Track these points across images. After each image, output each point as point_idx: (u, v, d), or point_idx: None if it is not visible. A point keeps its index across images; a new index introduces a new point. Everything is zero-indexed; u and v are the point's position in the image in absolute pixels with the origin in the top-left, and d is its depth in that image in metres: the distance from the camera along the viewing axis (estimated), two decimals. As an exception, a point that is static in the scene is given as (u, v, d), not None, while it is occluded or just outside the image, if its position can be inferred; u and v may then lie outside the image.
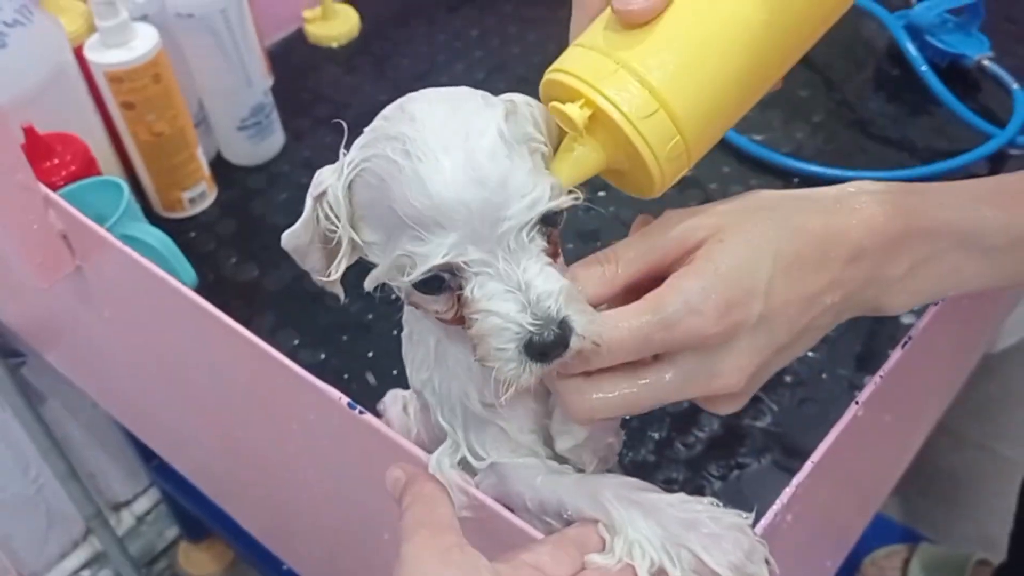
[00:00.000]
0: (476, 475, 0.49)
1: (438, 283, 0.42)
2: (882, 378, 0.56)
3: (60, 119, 0.83)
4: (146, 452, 1.18)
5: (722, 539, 0.42)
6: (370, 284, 0.44)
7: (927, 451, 0.88)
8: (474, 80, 1.04)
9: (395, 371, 0.74)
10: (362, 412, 0.54)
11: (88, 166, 0.82)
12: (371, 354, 0.80)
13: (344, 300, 0.47)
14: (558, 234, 0.44)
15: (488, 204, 0.40)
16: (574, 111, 0.43)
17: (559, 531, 0.45)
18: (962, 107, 0.89)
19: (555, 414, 0.49)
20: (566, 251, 0.47)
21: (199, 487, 0.98)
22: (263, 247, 0.89)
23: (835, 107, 0.98)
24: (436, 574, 0.40)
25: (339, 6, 1.13)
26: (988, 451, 1.52)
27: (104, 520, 1.25)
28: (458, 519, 0.44)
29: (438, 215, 0.40)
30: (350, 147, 0.44)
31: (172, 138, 0.87)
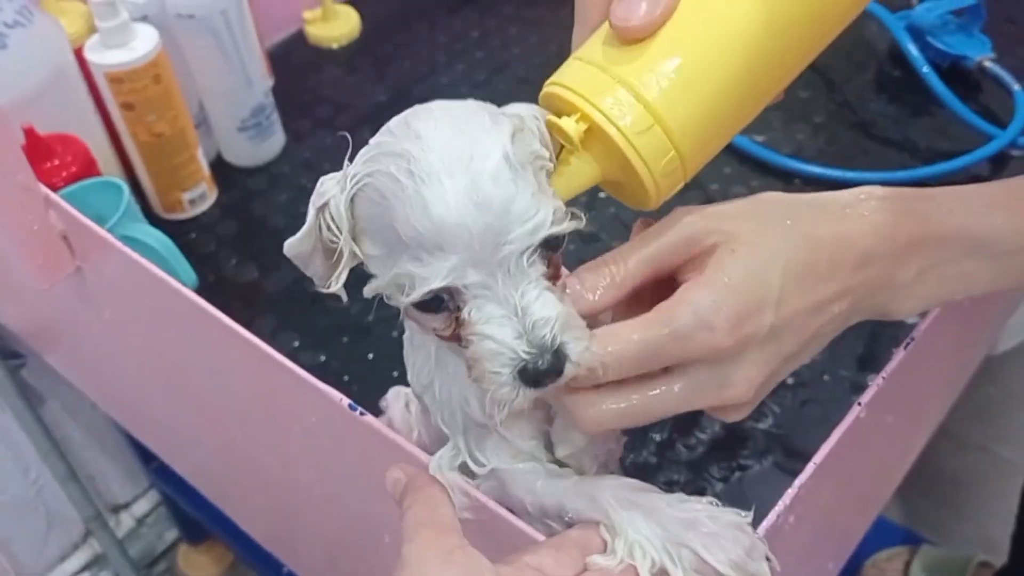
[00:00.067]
0: (476, 479, 0.49)
1: (437, 303, 0.42)
2: (884, 379, 0.56)
3: (60, 120, 0.83)
4: (146, 454, 1.18)
5: (722, 537, 0.42)
6: (369, 293, 0.44)
7: (928, 453, 0.88)
8: (475, 81, 1.04)
9: (396, 372, 0.74)
10: (363, 414, 0.54)
11: (88, 167, 0.82)
12: (371, 356, 0.79)
13: (345, 301, 0.47)
14: (559, 256, 0.44)
15: (489, 229, 0.40)
16: (570, 125, 0.43)
17: (560, 533, 0.45)
18: (963, 108, 0.89)
19: (556, 421, 0.49)
20: (567, 252, 0.46)
21: (199, 489, 0.98)
22: (263, 248, 0.89)
23: (836, 108, 0.98)
24: (438, 575, 0.40)
25: (339, 7, 1.13)
26: (989, 453, 1.52)
27: (104, 522, 1.25)
28: (459, 520, 0.44)
29: (439, 238, 0.40)
30: (355, 151, 0.44)
31: (172, 139, 0.87)
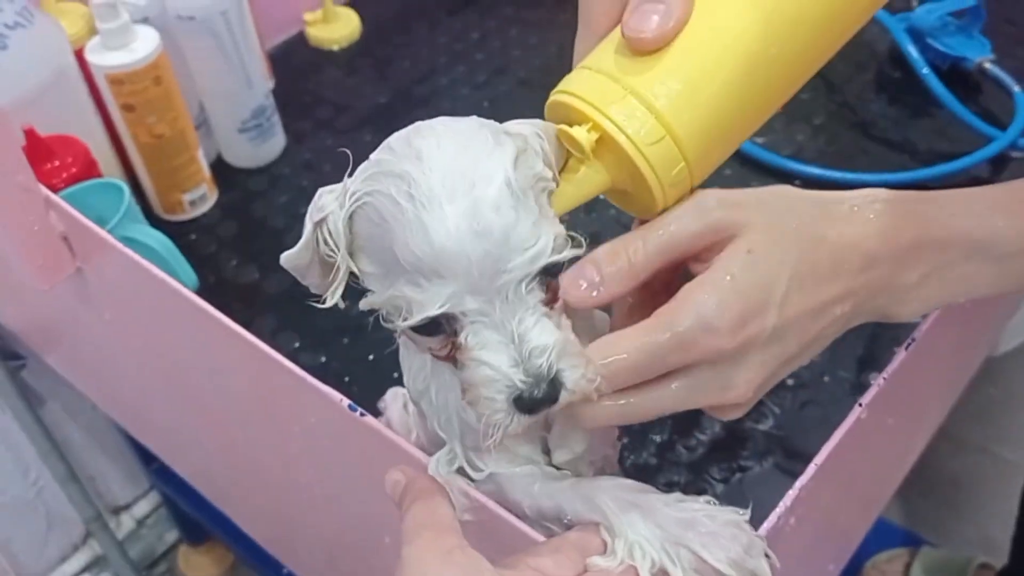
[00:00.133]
0: (474, 484, 0.49)
1: (433, 327, 0.42)
2: (885, 380, 0.56)
3: (61, 121, 0.83)
4: (146, 455, 1.18)
5: (720, 536, 0.42)
6: (365, 307, 0.44)
7: (929, 454, 0.88)
8: (475, 83, 1.04)
9: (396, 373, 0.74)
10: (363, 414, 0.54)
11: (89, 168, 0.82)
12: (371, 357, 0.79)
13: (344, 304, 0.47)
14: (559, 281, 0.43)
15: (489, 256, 0.40)
16: (581, 134, 0.43)
17: (560, 535, 0.45)
18: (963, 109, 0.89)
19: (554, 428, 0.49)
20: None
21: (199, 490, 0.98)
22: (264, 249, 0.89)
23: (836, 109, 0.98)
24: (438, 576, 0.40)
25: (340, 9, 1.13)
26: (990, 454, 1.52)
27: (104, 523, 1.25)
28: (459, 522, 0.44)
29: (438, 265, 0.40)
30: (356, 152, 0.43)
31: (173, 140, 0.87)
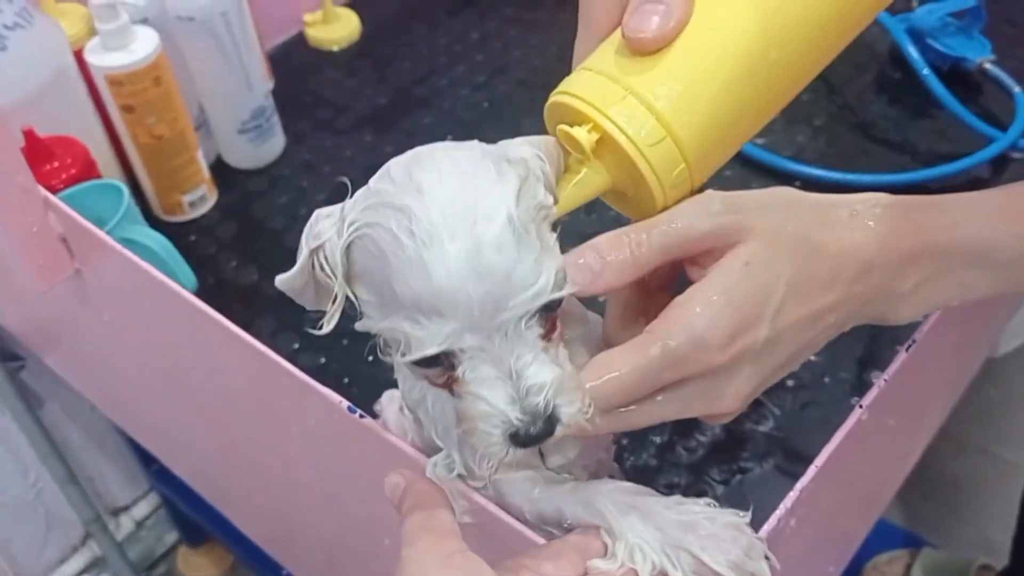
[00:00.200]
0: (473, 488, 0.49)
1: (431, 360, 0.42)
2: (886, 381, 0.55)
3: (60, 122, 0.83)
4: (145, 456, 1.18)
5: (720, 538, 0.42)
6: (361, 328, 0.44)
7: (929, 456, 0.88)
8: (475, 83, 1.04)
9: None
10: (362, 416, 0.54)
11: (88, 169, 0.82)
12: (371, 358, 0.79)
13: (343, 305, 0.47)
14: (557, 314, 0.43)
15: (489, 296, 0.39)
16: (582, 135, 0.43)
17: (560, 538, 0.45)
18: (964, 110, 0.89)
19: None
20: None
21: (198, 491, 0.98)
22: (263, 250, 0.89)
23: (837, 110, 0.98)
24: (438, 579, 0.39)
25: (340, 9, 1.12)
26: (990, 456, 1.52)
27: (103, 525, 1.25)
28: (459, 525, 0.44)
29: (438, 303, 0.39)
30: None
31: (172, 141, 0.87)
